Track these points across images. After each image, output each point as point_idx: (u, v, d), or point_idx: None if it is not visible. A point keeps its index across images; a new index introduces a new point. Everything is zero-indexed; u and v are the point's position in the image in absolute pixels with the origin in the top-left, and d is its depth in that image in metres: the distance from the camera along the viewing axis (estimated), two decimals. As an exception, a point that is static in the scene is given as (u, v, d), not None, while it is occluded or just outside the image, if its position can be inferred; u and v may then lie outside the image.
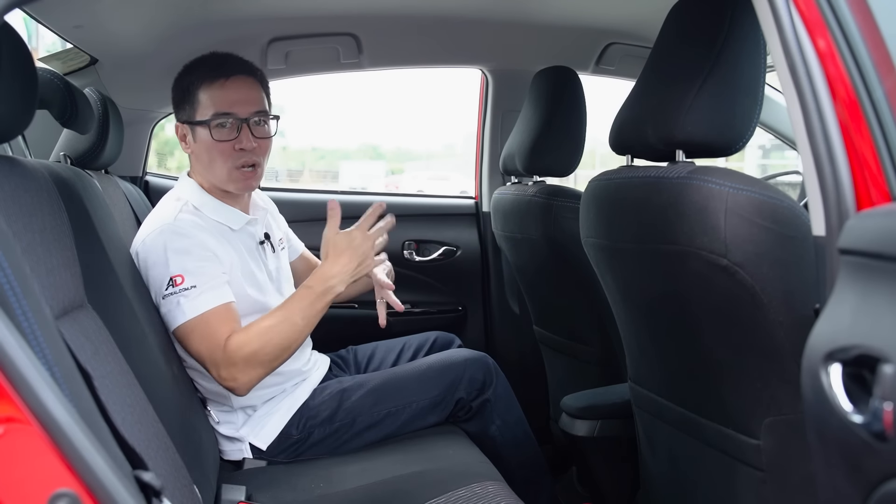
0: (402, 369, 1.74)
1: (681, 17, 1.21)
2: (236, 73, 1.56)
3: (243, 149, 1.55)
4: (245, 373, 1.41)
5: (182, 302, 1.43)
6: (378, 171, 13.11)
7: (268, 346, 1.42)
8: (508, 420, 1.72)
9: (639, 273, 1.28)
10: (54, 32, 1.87)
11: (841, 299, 0.76)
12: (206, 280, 1.45)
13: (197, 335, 1.43)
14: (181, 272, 1.44)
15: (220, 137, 1.54)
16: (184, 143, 1.61)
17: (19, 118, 0.97)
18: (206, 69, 1.56)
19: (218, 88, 1.55)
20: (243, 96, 1.56)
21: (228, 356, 1.40)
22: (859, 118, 0.81)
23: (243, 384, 1.42)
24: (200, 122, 1.55)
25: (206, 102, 1.55)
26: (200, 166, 1.60)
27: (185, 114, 1.58)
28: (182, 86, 1.59)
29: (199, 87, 1.56)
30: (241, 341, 1.41)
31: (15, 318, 0.68)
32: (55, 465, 0.62)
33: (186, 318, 1.43)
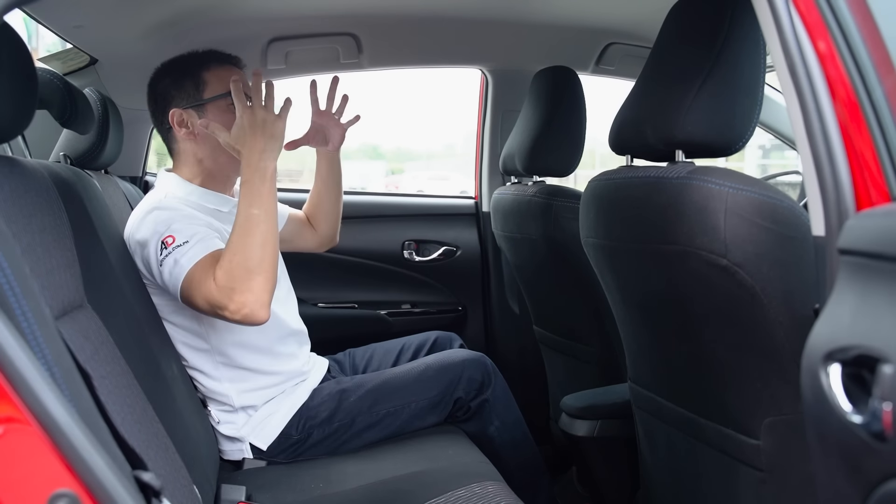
0: (401, 370, 1.74)
1: (680, 18, 1.21)
2: (235, 62, 1.63)
3: None
4: (248, 289, 1.33)
5: (179, 258, 1.39)
6: (378, 171, 13.12)
7: (243, 249, 1.35)
8: (507, 421, 1.72)
9: (639, 273, 1.28)
10: (54, 32, 1.87)
11: (840, 299, 0.76)
12: (195, 234, 1.42)
13: (195, 286, 1.38)
14: (171, 233, 1.41)
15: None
16: (185, 130, 1.58)
17: (19, 118, 0.97)
18: (210, 56, 1.61)
19: (227, 72, 1.58)
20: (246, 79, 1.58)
21: (221, 287, 1.33)
22: (859, 118, 0.81)
23: (255, 302, 1.33)
24: (213, 99, 1.56)
25: (215, 82, 1.57)
26: (208, 147, 1.58)
27: (187, 98, 1.58)
28: (181, 71, 1.59)
29: (206, 69, 1.58)
30: (222, 265, 1.35)
31: (14, 319, 0.68)
32: (55, 466, 0.62)
33: (186, 271, 1.38)
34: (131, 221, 1.52)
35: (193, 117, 1.57)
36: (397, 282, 2.58)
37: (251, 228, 1.36)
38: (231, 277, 1.33)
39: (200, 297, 1.37)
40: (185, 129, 1.59)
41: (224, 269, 1.34)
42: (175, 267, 1.40)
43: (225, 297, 1.33)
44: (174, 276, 1.40)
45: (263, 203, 1.38)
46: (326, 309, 2.50)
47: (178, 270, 1.39)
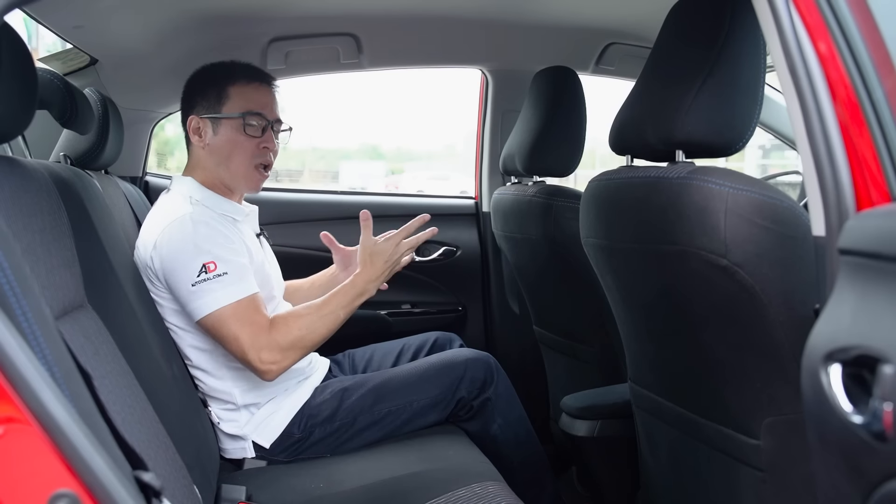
0: (403, 369, 1.74)
1: (681, 18, 1.21)
2: (268, 82, 1.67)
3: (267, 148, 1.63)
4: (287, 357, 1.48)
5: (218, 288, 1.46)
6: (378, 171, 13.11)
7: (312, 333, 1.50)
8: (510, 419, 1.72)
9: (639, 273, 1.28)
10: (54, 32, 1.87)
11: (841, 299, 0.76)
12: (236, 268, 1.49)
13: (237, 320, 1.46)
14: (213, 259, 1.47)
15: (251, 133, 1.61)
16: (197, 137, 1.63)
17: (19, 118, 0.97)
18: (242, 70, 1.65)
19: (254, 90, 1.63)
20: (271, 101, 1.66)
21: (274, 340, 1.46)
22: (859, 118, 0.81)
23: (282, 368, 1.48)
24: (229, 117, 1.60)
25: (237, 99, 1.61)
26: (214, 161, 1.63)
27: (207, 107, 1.62)
28: (209, 80, 1.64)
29: (233, 83, 1.62)
30: (287, 327, 1.49)
31: (15, 319, 0.68)
32: (55, 466, 0.62)
33: (221, 305, 1.45)
34: (157, 226, 1.52)
35: (208, 127, 1.62)
36: (397, 282, 2.57)
37: (329, 323, 1.53)
38: (287, 342, 1.48)
39: (234, 330, 1.46)
40: (198, 136, 1.63)
41: (284, 329, 1.49)
42: (209, 295, 1.45)
43: (266, 346, 1.47)
44: (205, 303, 1.46)
45: (349, 310, 1.56)
46: None
47: (210, 299, 1.46)
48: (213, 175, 1.63)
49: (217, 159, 1.62)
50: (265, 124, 1.62)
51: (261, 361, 1.46)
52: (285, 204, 2.60)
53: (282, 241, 2.46)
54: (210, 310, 1.46)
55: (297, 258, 2.49)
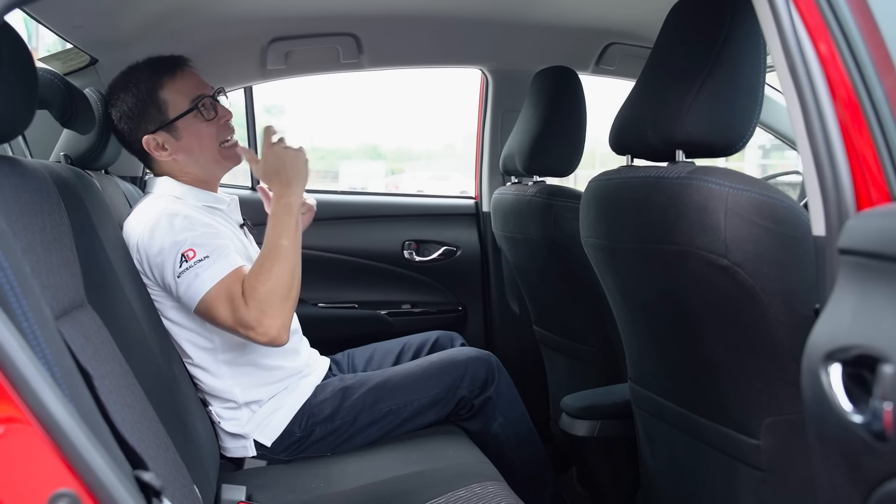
0: (404, 367, 1.74)
1: (681, 18, 1.21)
2: (182, 64, 1.65)
3: (227, 119, 1.64)
4: (277, 315, 1.40)
5: (200, 273, 1.43)
6: (378, 171, 13.11)
7: (278, 279, 1.41)
8: (511, 417, 1.72)
9: (639, 273, 1.28)
10: (54, 32, 1.86)
11: (841, 299, 0.76)
12: (215, 250, 1.46)
13: (221, 302, 1.42)
14: (191, 247, 1.45)
15: (209, 117, 1.61)
16: (163, 152, 1.61)
17: (19, 118, 0.97)
18: (156, 71, 1.61)
19: (181, 80, 1.61)
20: (198, 80, 1.65)
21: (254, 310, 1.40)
22: (859, 118, 0.81)
23: (282, 327, 1.41)
24: (182, 115, 1.59)
25: (174, 98, 1.60)
26: (186, 162, 1.63)
27: (154, 121, 1.60)
28: (137, 97, 1.60)
29: (159, 88, 1.60)
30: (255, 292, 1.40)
31: (15, 318, 0.68)
32: (55, 465, 0.62)
33: (208, 288, 1.43)
34: (137, 226, 1.52)
35: (168, 137, 1.61)
36: (397, 282, 2.58)
37: (281, 258, 1.43)
38: (262, 303, 1.40)
39: (226, 315, 1.42)
40: (163, 150, 1.62)
41: (256, 295, 1.40)
42: (195, 281, 1.43)
43: (255, 319, 1.40)
44: (193, 290, 1.44)
45: (290, 235, 1.45)
46: (327, 309, 2.50)
47: (198, 285, 1.43)
48: (187, 175, 1.64)
49: (188, 159, 1.62)
50: (210, 100, 1.62)
51: (259, 335, 1.41)
52: None
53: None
54: (199, 296, 1.43)
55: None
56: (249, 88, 2.54)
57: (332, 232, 2.52)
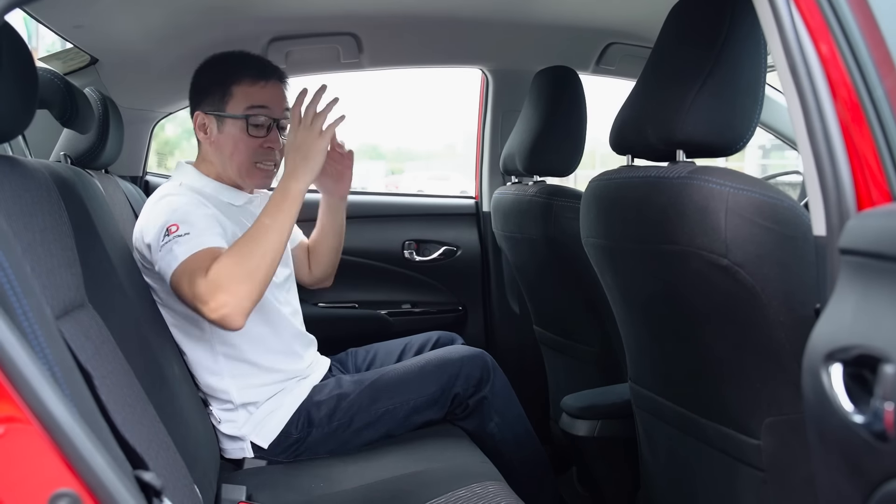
0: (399, 367, 1.74)
1: (681, 17, 1.21)
2: (275, 78, 1.64)
3: (271, 147, 1.62)
4: (232, 292, 1.31)
5: (174, 248, 1.40)
6: (378, 171, 13.10)
7: (246, 255, 1.34)
8: (507, 417, 1.71)
9: (639, 273, 1.28)
10: (54, 32, 1.87)
11: (841, 299, 0.76)
12: (200, 228, 1.43)
13: (185, 277, 1.37)
14: (176, 222, 1.43)
15: (254, 133, 1.60)
16: (202, 134, 1.63)
17: (19, 118, 0.97)
18: (247, 68, 1.62)
19: (258, 89, 1.61)
20: (278, 98, 1.64)
21: (210, 282, 1.32)
22: (860, 117, 0.81)
23: (235, 307, 1.32)
24: (233, 117, 1.59)
25: (240, 98, 1.60)
26: (219, 157, 1.63)
27: (211, 104, 1.61)
28: (214, 77, 1.63)
29: (237, 82, 1.60)
30: (219, 262, 1.34)
31: (15, 318, 0.68)
32: (55, 465, 0.62)
33: (179, 261, 1.38)
34: (144, 209, 1.55)
35: (213, 124, 1.62)
36: (397, 282, 2.58)
37: (258, 236, 1.37)
38: (221, 276, 1.32)
39: (187, 288, 1.36)
40: (203, 132, 1.64)
41: (219, 266, 1.34)
42: (169, 254, 1.40)
43: (208, 292, 1.32)
44: (167, 263, 1.41)
45: (278, 217, 1.39)
46: (327, 309, 2.50)
47: (171, 258, 1.40)
48: (220, 169, 1.64)
49: (221, 156, 1.63)
50: (270, 122, 1.61)
51: (211, 311, 1.32)
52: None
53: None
54: (171, 269, 1.39)
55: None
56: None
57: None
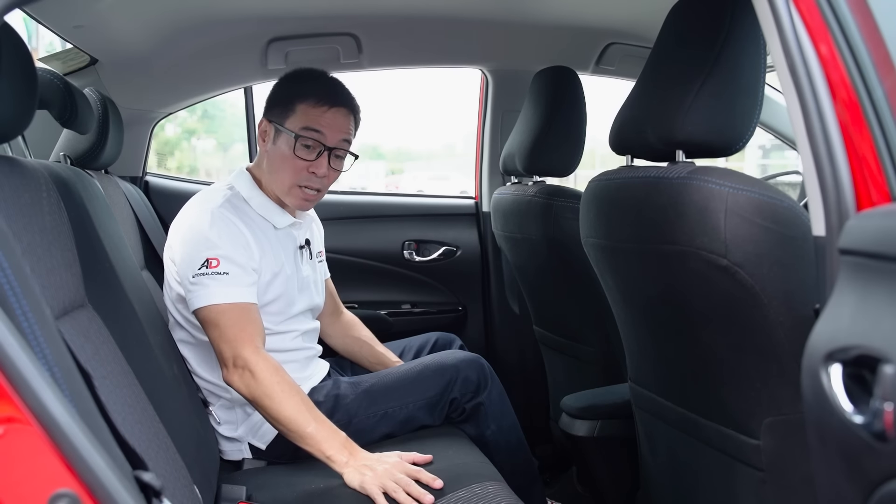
0: (398, 370, 1.74)
1: (681, 18, 1.21)
2: (341, 104, 1.63)
3: (314, 173, 1.60)
4: (247, 385, 1.43)
5: (210, 285, 1.46)
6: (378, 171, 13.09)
7: (276, 403, 1.42)
8: (503, 425, 1.71)
9: (639, 273, 1.28)
10: (54, 32, 1.87)
11: (841, 299, 0.76)
12: (238, 273, 1.49)
13: (224, 321, 1.46)
14: (218, 256, 1.48)
15: (301, 155, 1.59)
16: (262, 141, 1.66)
17: (19, 118, 0.97)
18: (316, 91, 1.61)
19: (320, 113, 1.60)
20: (338, 125, 1.62)
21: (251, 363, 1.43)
22: (859, 118, 0.81)
23: (240, 389, 1.45)
24: (288, 131, 1.59)
25: (300, 116, 1.60)
26: (268, 168, 1.64)
27: (276, 115, 1.63)
28: (287, 88, 1.64)
29: (302, 99, 1.60)
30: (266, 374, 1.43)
31: (15, 318, 0.68)
32: (55, 466, 0.62)
33: (210, 302, 1.46)
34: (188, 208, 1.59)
35: (272, 134, 1.63)
36: (397, 282, 2.58)
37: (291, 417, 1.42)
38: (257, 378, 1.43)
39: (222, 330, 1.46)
40: (263, 140, 1.65)
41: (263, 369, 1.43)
42: (204, 289, 1.47)
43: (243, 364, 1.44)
44: (198, 297, 1.48)
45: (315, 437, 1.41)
46: None
47: (204, 294, 1.47)
48: (267, 179, 1.65)
49: (270, 168, 1.63)
50: (321, 149, 1.59)
51: (231, 367, 1.45)
52: None
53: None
54: (202, 304, 1.47)
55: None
56: (249, 88, 2.54)
57: (332, 232, 2.51)
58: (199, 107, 3.23)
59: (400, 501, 1.31)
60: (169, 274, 1.61)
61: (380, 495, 1.31)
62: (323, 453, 1.40)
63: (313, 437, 1.40)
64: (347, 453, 1.40)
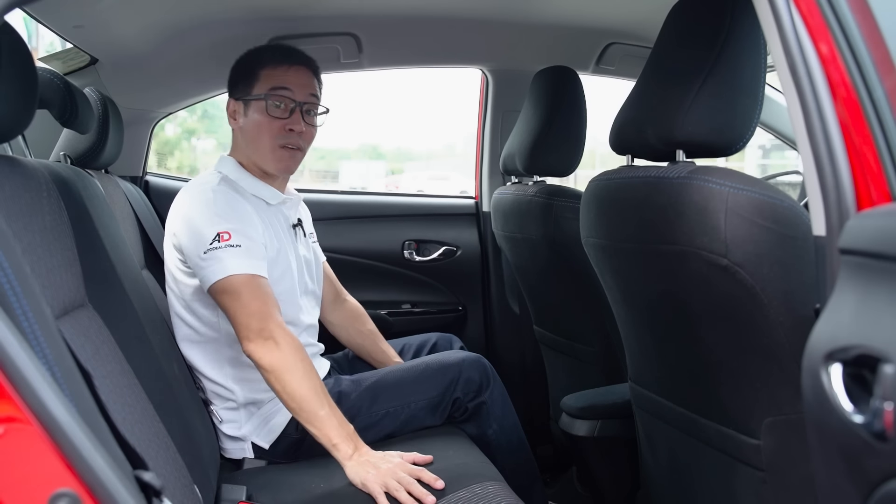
0: (400, 368, 1.74)
1: (681, 17, 1.21)
2: (300, 63, 1.66)
3: (292, 129, 1.62)
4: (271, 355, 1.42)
5: (227, 257, 1.45)
6: (378, 171, 13.09)
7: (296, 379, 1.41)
8: (505, 425, 1.71)
9: (639, 273, 1.28)
10: (54, 32, 1.87)
11: (841, 299, 0.76)
12: (251, 245, 1.49)
13: (247, 293, 1.44)
14: (228, 230, 1.48)
15: (274, 114, 1.61)
16: (233, 120, 1.67)
17: (19, 118, 0.97)
18: (273, 54, 1.66)
19: (283, 71, 1.63)
20: (303, 81, 1.65)
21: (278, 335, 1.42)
22: (860, 118, 0.81)
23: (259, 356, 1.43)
24: (256, 98, 1.61)
25: (265, 80, 1.63)
26: (245, 142, 1.66)
27: (240, 90, 1.65)
28: (243, 65, 1.67)
29: (263, 67, 1.64)
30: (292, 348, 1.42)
31: (15, 318, 0.68)
32: (55, 465, 0.62)
33: (227, 274, 1.45)
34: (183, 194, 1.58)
35: (241, 109, 1.65)
36: (397, 282, 2.58)
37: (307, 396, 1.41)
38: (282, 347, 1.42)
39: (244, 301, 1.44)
40: (233, 119, 1.67)
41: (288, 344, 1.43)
42: (219, 264, 1.46)
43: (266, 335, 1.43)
44: (213, 271, 1.46)
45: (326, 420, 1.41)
46: None
47: (220, 268, 1.46)
48: (247, 157, 1.66)
49: (247, 141, 1.65)
50: (293, 105, 1.62)
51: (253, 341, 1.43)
52: None
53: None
54: (219, 276, 1.45)
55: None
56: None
57: (332, 232, 2.52)
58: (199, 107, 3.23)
59: (401, 501, 1.30)
60: (173, 266, 1.60)
61: (381, 494, 1.31)
62: (330, 440, 1.39)
63: (324, 421, 1.39)
64: (353, 446, 1.40)
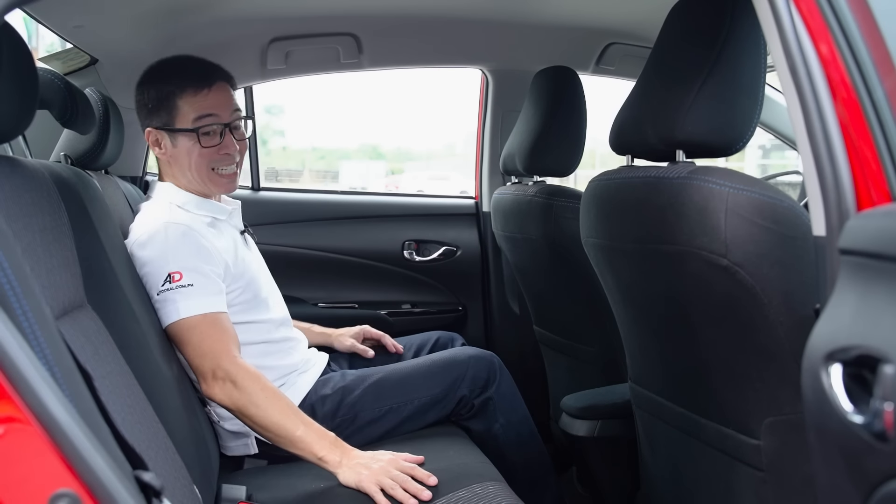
0: (406, 365, 1.74)
1: (681, 17, 1.21)
2: (217, 80, 1.61)
3: (228, 154, 1.60)
4: (230, 396, 1.41)
5: (178, 299, 1.43)
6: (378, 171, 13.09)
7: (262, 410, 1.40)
8: (512, 419, 1.72)
9: (639, 273, 1.28)
10: (54, 32, 1.87)
11: (841, 299, 0.76)
12: (204, 282, 1.47)
13: (197, 335, 1.43)
14: (179, 269, 1.45)
15: (207, 144, 1.58)
16: (157, 149, 1.63)
17: (20, 118, 0.97)
18: (188, 78, 1.59)
19: (202, 98, 1.58)
20: (224, 101, 1.61)
21: (232, 372, 1.41)
22: (860, 118, 0.81)
23: (220, 399, 1.42)
24: (185, 130, 1.57)
25: (186, 110, 1.57)
26: (179, 170, 1.62)
27: (160, 120, 1.59)
28: (157, 93, 1.59)
29: (181, 94, 1.58)
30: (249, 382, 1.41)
31: (15, 318, 0.68)
32: (55, 465, 0.62)
33: (183, 316, 1.43)
34: (136, 231, 1.53)
35: (166, 139, 1.61)
36: (397, 282, 2.58)
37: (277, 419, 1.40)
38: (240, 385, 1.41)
39: (195, 344, 1.43)
40: (158, 147, 1.63)
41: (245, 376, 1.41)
42: (170, 306, 1.44)
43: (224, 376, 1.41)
44: (167, 313, 1.45)
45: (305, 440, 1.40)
46: (326, 309, 2.50)
47: (172, 310, 1.44)
48: (185, 181, 1.62)
49: (181, 169, 1.61)
50: (221, 129, 1.59)
51: (210, 383, 1.42)
52: (285, 204, 2.60)
53: (282, 241, 2.46)
54: (172, 319, 1.44)
55: (298, 258, 2.49)
56: (249, 88, 2.54)
57: (332, 232, 2.52)
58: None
59: (398, 498, 1.30)
60: None
61: (378, 493, 1.31)
62: (315, 455, 1.39)
63: (303, 440, 1.39)
64: (339, 452, 1.39)
